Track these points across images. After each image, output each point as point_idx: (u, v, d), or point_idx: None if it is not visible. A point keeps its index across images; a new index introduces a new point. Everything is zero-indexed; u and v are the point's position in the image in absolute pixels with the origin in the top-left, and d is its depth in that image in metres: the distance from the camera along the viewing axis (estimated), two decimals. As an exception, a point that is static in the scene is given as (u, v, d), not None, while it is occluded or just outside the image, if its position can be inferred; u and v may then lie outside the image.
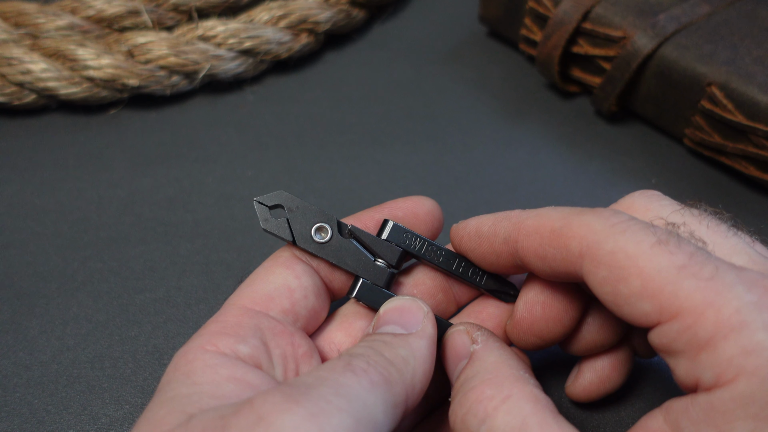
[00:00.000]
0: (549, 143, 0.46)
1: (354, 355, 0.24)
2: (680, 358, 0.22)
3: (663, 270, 0.22)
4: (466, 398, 0.25)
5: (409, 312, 0.27)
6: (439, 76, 0.50)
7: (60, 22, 0.47)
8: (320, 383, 0.22)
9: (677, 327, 0.22)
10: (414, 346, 0.25)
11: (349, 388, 0.22)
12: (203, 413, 0.22)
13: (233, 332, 0.26)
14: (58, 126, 0.46)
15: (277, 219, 0.29)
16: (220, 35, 0.47)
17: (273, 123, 0.47)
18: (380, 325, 0.27)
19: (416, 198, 0.32)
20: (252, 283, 0.29)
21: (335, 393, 0.22)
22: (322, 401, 0.21)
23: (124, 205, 0.42)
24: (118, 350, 0.36)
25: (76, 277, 0.38)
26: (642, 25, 0.42)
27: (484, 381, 0.25)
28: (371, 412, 0.22)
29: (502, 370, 0.26)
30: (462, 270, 0.31)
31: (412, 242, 0.30)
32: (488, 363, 0.26)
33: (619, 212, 0.25)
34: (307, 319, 0.29)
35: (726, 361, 0.21)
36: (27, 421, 0.33)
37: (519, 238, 0.27)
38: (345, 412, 0.21)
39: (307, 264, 0.30)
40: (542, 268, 0.26)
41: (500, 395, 0.24)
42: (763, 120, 0.38)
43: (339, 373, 0.23)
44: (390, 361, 0.24)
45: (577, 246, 0.24)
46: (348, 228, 0.30)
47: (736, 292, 0.21)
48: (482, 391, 0.25)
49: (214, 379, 0.24)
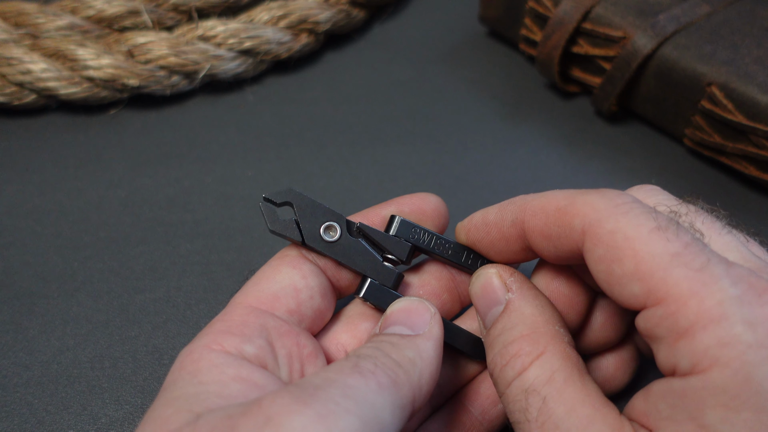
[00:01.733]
0: (549, 143, 0.46)
1: (362, 356, 0.24)
2: (661, 344, 0.23)
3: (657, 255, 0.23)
4: (506, 351, 0.26)
5: (416, 313, 0.27)
6: (439, 76, 0.50)
7: (60, 22, 0.47)
8: (328, 385, 0.22)
9: (661, 312, 0.22)
10: (421, 348, 0.26)
11: (357, 390, 0.22)
12: (211, 413, 0.22)
13: (239, 332, 0.26)
14: (58, 126, 0.46)
15: (284, 219, 0.29)
16: (220, 35, 0.47)
17: (273, 123, 0.47)
18: (387, 326, 0.27)
19: (422, 194, 0.32)
20: (258, 282, 0.29)
21: (343, 395, 0.22)
22: (331, 403, 0.21)
23: (124, 205, 0.42)
24: (118, 350, 0.36)
25: (76, 277, 0.38)
26: (642, 25, 0.42)
27: (523, 336, 0.26)
28: (378, 414, 0.22)
29: (539, 325, 0.27)
30: (471, 262, 0.31)
31: (421, 237, 0.30)
32: (525, 315, 0.27)
33: (625, 193, 0.25)
34: (313, 320, 0.29)
35: (702, 350, 0.22)
36: (27, 421, 0.33)
37: (525, 218, 0.27)
38: (353, 415, 0.21)
39: (313, 263, 0.29)
40: (548, 248, 0.27)
41: (536, 351, 0.26)
42: (763, 120, 0.38)
43: (347, 374, 0.23)
44: (397, 362, 0.24)
45: (579, 223, 0.25)
46: (356, 226, 0.30)
47: (721, 285, 0.22)
48: (521, 346, 0.26)
49: (221, 378, 0.24)
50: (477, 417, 0.30)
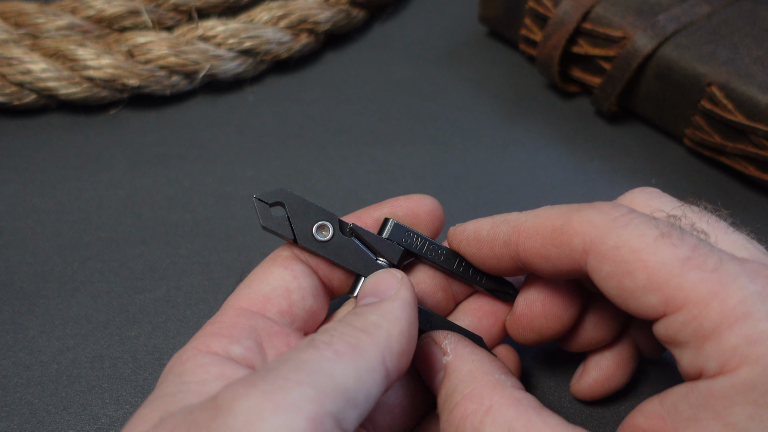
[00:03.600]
0: (549, 143, 0.46)
1: (318, 332, 0.24)
2: (685, 349, 0.23)
3: (667, 263, 0.22)
4: (452, 417, 0.26)
5: (382, 281, 0.27)
6: (439, 76, 0.50)
7: (60, 22, 0.47)
8: (281, 364, 0.22)
9: (682, 318, 0.22)
10: (386, 309, 0.25)
11: (309, 363, 0.22)
12: (177, 411, 0.22)
13: (227, 333, 0.26)
14: (58, 126, 0.46)
15: (277, 217, 0.29)
16: (220, 35, 0.47)
17: (273, 123, 0.47)
18: (358, 302, 0.27)
19: (417, 196, 0.32)
20: (250, 284, 0.29)
21: (294, 369, 0.21)
22: (280, 379, 0.21)
23: (124, 205, 0.42)
24: (118, 350, 0.36)
25: (76, 277, 0.38)
26: (642, 25, 0.42)
27: (465, 396, 0.26)
28: (338, 381, 0.22)
29: (479, 379, 0.26)
30: (462, 269, 0.31)
31: (413, 241, 0.30)
32: (464, 374, 0.27)
33: (619, 205, 0.25)
34: (305, 320, 0.29)
35: (730, 350, 0.21)
36: (27, 421, 0.33)
37: (519, 241, 0.27)
38: (305, 385, 0.21)
39: (305, 264, 0.29)
40: (546, 267, 0.26)
41: (482, 408, 0.25)
42: (763, 120, 0.38)
43: (300, 351, 0.23)
44: (358, 328, 0.24)
45: (579, 243, 0.24)
46: (349, 227, 0.30)
47: (739, 282, 0.22)
48: (465, 407, 0.25)
49: (203, 378, 0.24)
50: None
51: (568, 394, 0.34)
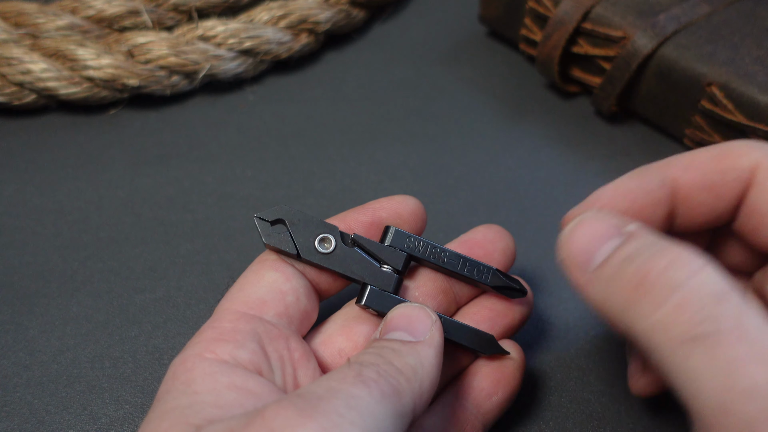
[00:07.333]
0: (549, 143, 0.46)
1: (364, 364, 0.24)
2: None
3: None
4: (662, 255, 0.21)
5: (417, 319, 0.27)
6: (439, 76, 0.50)
7: (60, 22, 0.47)
8: (331, 395, 0.22)
9: None
10: (423, 355, 0.25)
11: (361, 401, 0.22)
12: (211, 425, 0.22)
13: (231, 338, 0.26)
14: (58, 126, 0.46)
15: (279, 233, 0.29)
16: (220, 35, 0.47)
17: (273, 123, 0.47)
18: (387, 331, 0.27)
19: (399, 197, 0.32)
20: (243, 288, 0.28)
21: (347, 406, 0.22)
22: (335, 415, 0.21)
23: (124, 205, 0.42)
24: (118, 350, 0.36)
25: (76, 277, 0.38)
26: (642, 25, 0.42)
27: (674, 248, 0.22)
28: (381, 424, 0.22)
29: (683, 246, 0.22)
30: (467, 269, 0.31)
31: (416, 246, 0.31)
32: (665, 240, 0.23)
33: None
34: (300, 321, 0.29)
35: None
36: (27, 421, 0.33)
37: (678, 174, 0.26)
38: (357, 427, 0.21)
39: (293, 266, 0.29)
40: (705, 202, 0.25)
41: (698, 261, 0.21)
42: (763, 120, 0.38)
43: (350, 384, 0.23)
44: (399, 370, 0.24)
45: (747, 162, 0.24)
46: (351, 237, 0.30)
47: None
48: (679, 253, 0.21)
49: (214, 387, 0.24)
50: (471, 411, 0.30)
51: (573, 392, 0.34)
